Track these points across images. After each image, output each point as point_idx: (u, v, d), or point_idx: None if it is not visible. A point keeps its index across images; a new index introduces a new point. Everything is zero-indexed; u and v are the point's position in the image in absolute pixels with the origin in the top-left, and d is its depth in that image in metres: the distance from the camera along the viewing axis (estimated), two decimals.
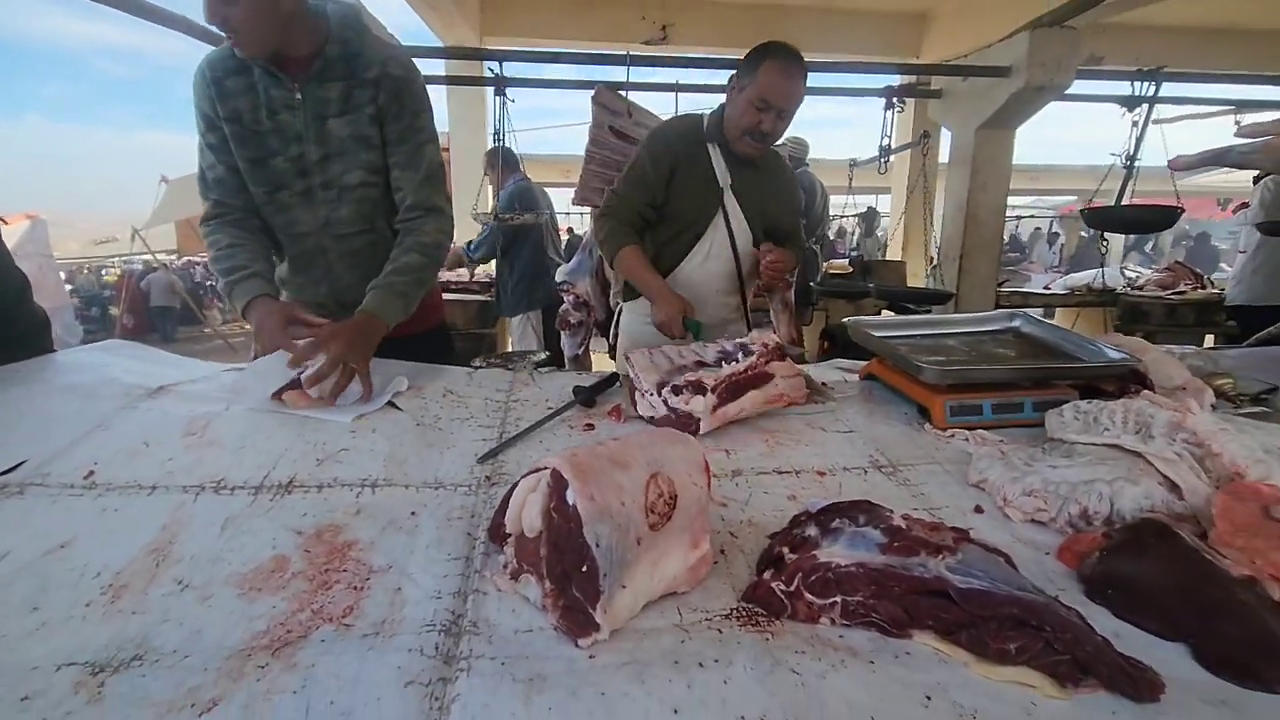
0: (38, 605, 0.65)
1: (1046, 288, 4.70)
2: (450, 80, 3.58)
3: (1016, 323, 1.38)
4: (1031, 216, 13.74)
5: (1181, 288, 4.24)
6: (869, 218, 10.57)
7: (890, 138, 3.47)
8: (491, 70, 2.76)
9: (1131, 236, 12.32)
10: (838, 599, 0.65)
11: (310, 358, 1.13)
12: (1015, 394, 1.15)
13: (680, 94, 2.79)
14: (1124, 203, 3.00)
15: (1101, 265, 3.81)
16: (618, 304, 1.92)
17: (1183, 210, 2.79)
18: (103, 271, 13.03)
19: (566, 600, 0.63)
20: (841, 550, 0.68)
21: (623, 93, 2.56)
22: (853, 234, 12.61)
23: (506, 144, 3.09)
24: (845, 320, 1.37)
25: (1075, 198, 14.09)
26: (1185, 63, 5.49)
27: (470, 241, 3.95)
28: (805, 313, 4.14)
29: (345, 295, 1.41)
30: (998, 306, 3.94)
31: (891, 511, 0.77)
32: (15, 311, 1.26)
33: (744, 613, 0.67)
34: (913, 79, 3.53)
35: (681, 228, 1.67)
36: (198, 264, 12.46)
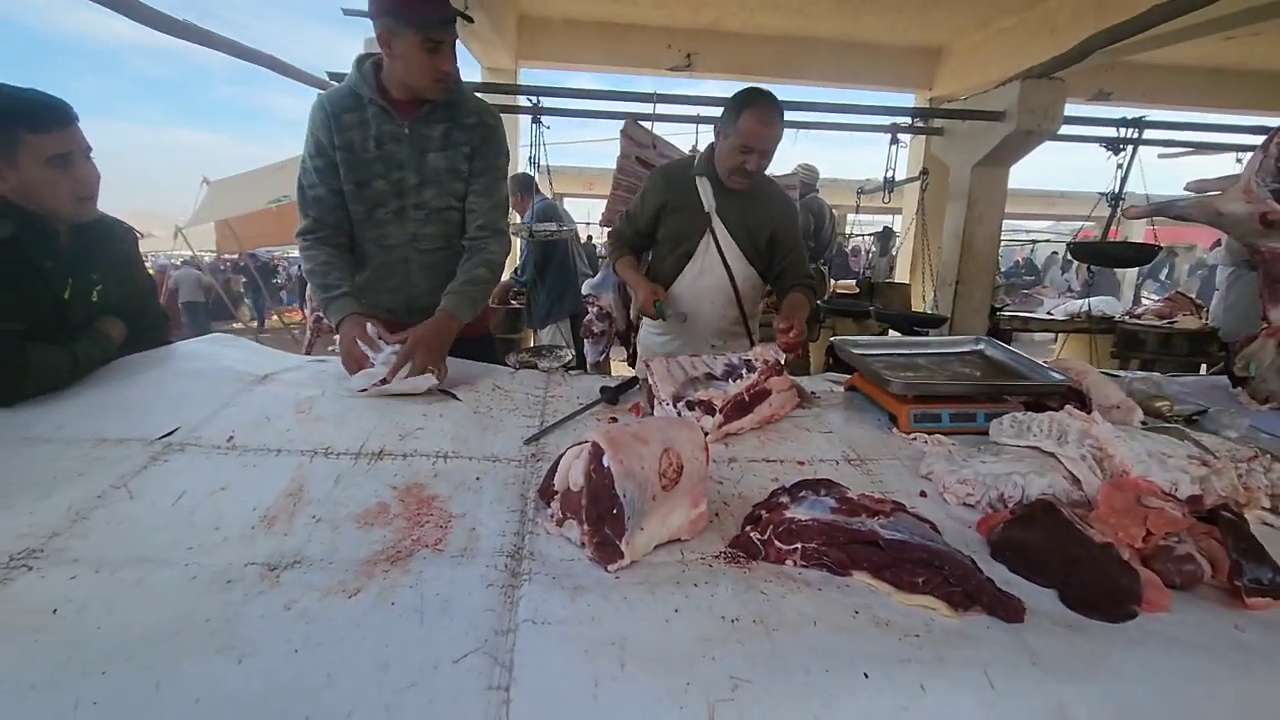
0: (217, 526, 0.90)
1: (1049, 313, 4.88)
2: (501, 109, 3.87)
3: (981, 346, 1.61)
4: (1048, 241, 13.84)
5: (1178, 318, 4.40)
6: (884, 238, 10.76)
7: (894, 170, 3.70)
8: (530, 100, 3.04)
9: (1147, 266, 12.40)
10: (798, 545, 0.88)
11: (402, 366, 1.39)
12: (971, 406, 1.37)
13: (701, 125, 3.03)
14: (1108, 239, 3.20)
15: (1087, 295, 3.99)
16: (639, 316, 2.17)
17: (1160, 248, 2.98)
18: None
19: (600, 537, 0.87)
20: (803, 510, 0.91)
21: (648, 125, 2.82)
22: (868, 253, 12.82)
23: (540, 163, 3.37)
24: (832, 339, 1.60)
25: (1093, 223, 14.19)
26: (1189, 100, 5.69)
27: (516, 269, 4.27)
28: (813, 330, 4.37)
29: (417, 302, 1.67)
30: (995, 329, 4.14)
31: (849, 489, 1.01)
32: (146, 308, 1.53)
33: (729, 555, 0.91)
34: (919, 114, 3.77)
35: (673, 248, 1.94)
36: (229, 261, 12.87)
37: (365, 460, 1.12)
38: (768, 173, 1.96)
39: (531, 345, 4.26)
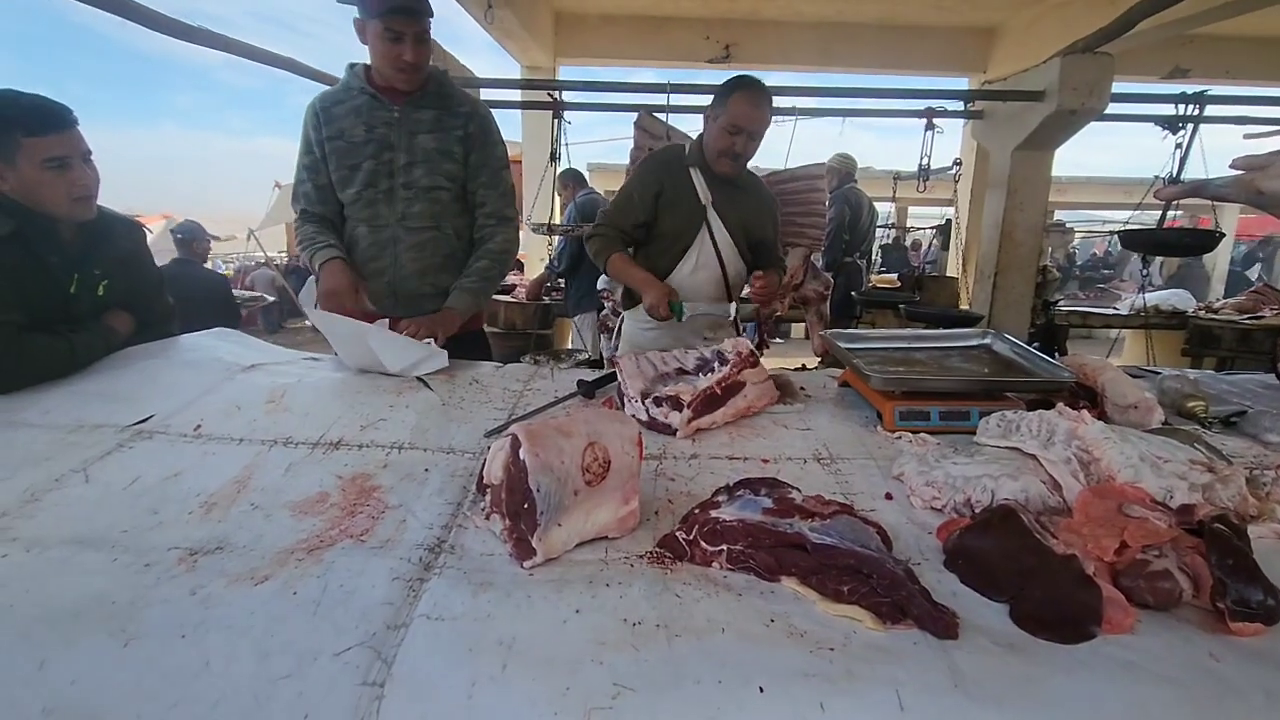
0: (157, 511, 0.93)
1: (1115, 309, 4.54)
2: (522, 105, 3.96)
3: (988, 340, 1.49)
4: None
5: (1264, 313, 4.02)
6: (946, 230, 10.28)
7: (929, 157, 3.51)
8: (551, 95, 3.04)
9: (1239, 256, 11.44)
10: (724, 547, 0.83)
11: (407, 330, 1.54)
12: (964, 403, 1.27)
13: None
14: (1165, 225, 2.93)
15: (1143, 290, 3.67)
16: (619, 314, 2.12)
17: (1222, 235, 2.69)
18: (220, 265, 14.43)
19: (518, 533, 0.84)
20: (732, 510, 0.86)
21: (662, 117, 2.77)
22: (929, 247, 12.27)
23: (561, 158, 3.38)
24: (822, 331, 1.52)
25: (1180, 213, 13.17)
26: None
27: (551, 260, 4.35)
28: (850, 325, 4.22)
29: (402, 286, 1.74)
30: (1049, 325, 3.88)
31: (796, 489, 0.95)
32: (154, 303, 1.61)
33: (655, 555, 0.86)
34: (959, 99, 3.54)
35: (670, 242, 1.89)
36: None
37: (321, 450, 1.13)
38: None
39: (565, 347, 4.29)
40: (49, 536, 0.85)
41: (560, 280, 4.49)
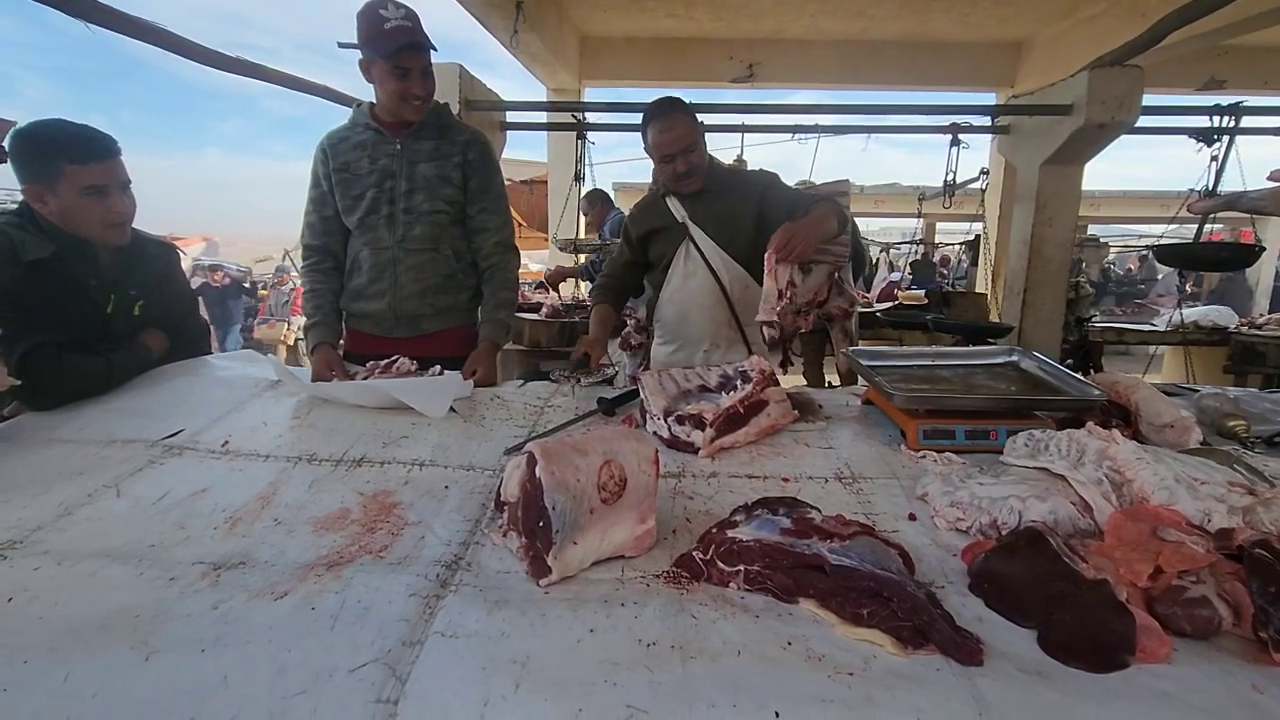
0: (184, 526, 0.95)
1: (1152, 324, 4.41)
2: (548, 126, 4.06)
3: (1015, 357, 1.46)
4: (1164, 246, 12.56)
5: None
6: (976, 246, 10.12)
7: (954, 173, 3.46)
8: (575, 117, 3.09)
9: None
10: (741, 567, 0.82)
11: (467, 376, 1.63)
12: (990, 422, 1.24)
13: (746, 134, 2.97)
14: (1202, 239, 2.84)
15: (1179, 305, 3.56)
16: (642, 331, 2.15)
17: (1262, 249, 2.60)
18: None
19: (533, 551, 0.84)
20: (749, 530, 0.85)
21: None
22: (958, 263, 12.10)
23: (585, 177, 3.42)
24: (843, 350, 1.50)
25: (1221, 225, 12.81)
26: None
27: (591, 260, 4.43)
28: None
29: (402, 307, 1.79)
30: (1083, 342, 3.78)
31: (816, 509, 0.93)
32: (186, 323, 1.66)
33: (672, 575, 0.85)
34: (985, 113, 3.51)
35: (659, 264, 1.92)
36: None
37: (344, 467, 1.15)
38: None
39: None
40: (79, 550, 0.87)
41: (590, 284, 4.56)
